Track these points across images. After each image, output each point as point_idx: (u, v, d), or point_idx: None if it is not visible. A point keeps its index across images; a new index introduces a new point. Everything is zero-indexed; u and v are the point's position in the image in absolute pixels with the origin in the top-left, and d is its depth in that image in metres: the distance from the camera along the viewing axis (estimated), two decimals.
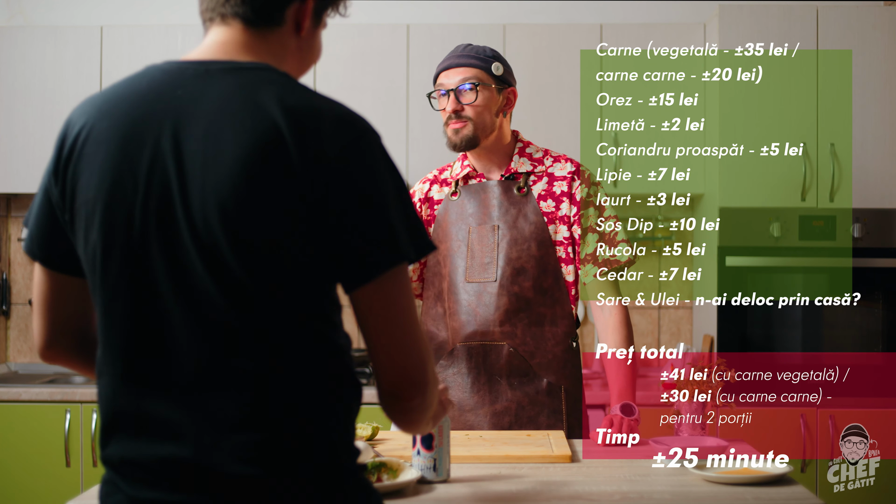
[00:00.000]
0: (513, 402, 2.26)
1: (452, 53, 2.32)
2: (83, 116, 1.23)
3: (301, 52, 1.30)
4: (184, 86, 1.18)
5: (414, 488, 1.73)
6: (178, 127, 1.15)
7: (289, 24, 1.26)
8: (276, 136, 1.12)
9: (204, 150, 1.13)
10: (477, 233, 2.31)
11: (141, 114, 1.18)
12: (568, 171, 2.34)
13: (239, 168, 1.12)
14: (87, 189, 1.19)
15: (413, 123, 3.81)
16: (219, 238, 1.12)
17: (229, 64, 1.20)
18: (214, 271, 1.13)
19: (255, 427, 1.14)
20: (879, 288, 3.61)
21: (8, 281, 4.18)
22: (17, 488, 3.55)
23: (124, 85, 1.23)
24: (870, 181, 3.60)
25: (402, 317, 1.18)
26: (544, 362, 2.27)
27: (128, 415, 1.18)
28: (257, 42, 1.25)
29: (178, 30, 3.87)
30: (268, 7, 1.24)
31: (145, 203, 1.15)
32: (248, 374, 1.14)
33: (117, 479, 1.19)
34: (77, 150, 1.20)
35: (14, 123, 3.85)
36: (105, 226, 1.17)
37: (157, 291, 1.15)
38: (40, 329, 1.31)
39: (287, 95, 1.16)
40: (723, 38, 3.62)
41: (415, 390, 1.21)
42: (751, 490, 1.73)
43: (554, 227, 2.30)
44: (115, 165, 1.17)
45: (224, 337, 1.14)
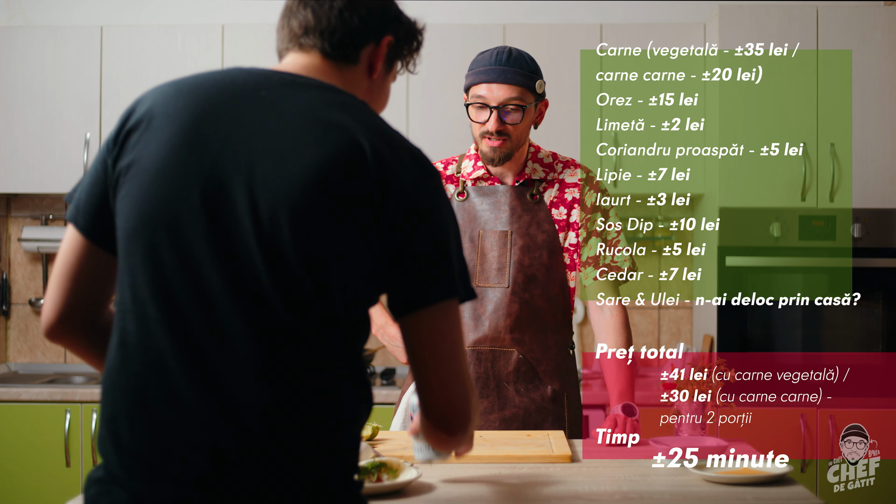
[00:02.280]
0: (520, 408, 2.25)
1: (493, 63, 2.22)
2: (156, 94, 1.25)
3: (371, 94, 1.35)
4: (269, 88, 1.21)
5: (414, 488, 1.73)
6: (257, 122, 1.18)
7: (363, 65, 1.31)
8: (359, 152, 1.17)
9: (281, 150, 1.16)
10: (488, 237, 2.29)
11: (221, 101, 1.20)
12: (579, 178, 2.34)
13: (317, 173, 1.15)
14: (149, 159, 1.19)
15: (413, 123, 3.81)
16: (283, 234, 1.14)
17: (315, 81, 1.25)
18: (271, 265, 1.14)
19: (273, 426, 1.15)
20: (879, 288, 3.61)
21: (8, 281, 4.18)
22: (17, 488, 3.55)
23: (205, 75, 1.26)
24: (870, 181, 3.60)
25: (451, 351, 1.22)
26: (549, 369, 2.27)
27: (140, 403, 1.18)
28: (334, 73, 1.29)
29: (178, 30, 3.87)
30: (345, 43, 1.29)
31: (205, 184, 1.16)
32: (282, 372, 1.15)
33: (118, 473, 1.18)
34: (145, 122, 1.22)
35: (14, 123, 3.85)
36: (158, 197, 1.17)
37: (198, 270, 1.15)
38: (56, 302, 1.29)
39: (370, 120, 1.21)
40: (723, 38, 3.62)
41: (460, 425, 1.25)
42: (751, 490, 1.73)
43: (564, 234, 2.30)
44: (185, 142, 1.18)
45: (269, 334, 1.15)
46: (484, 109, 2.23)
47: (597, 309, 2.30)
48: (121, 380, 1.19)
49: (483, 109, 2.23)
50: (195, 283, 1.15)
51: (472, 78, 2.25)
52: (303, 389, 1.16)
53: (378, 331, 2.27)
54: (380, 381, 3.75)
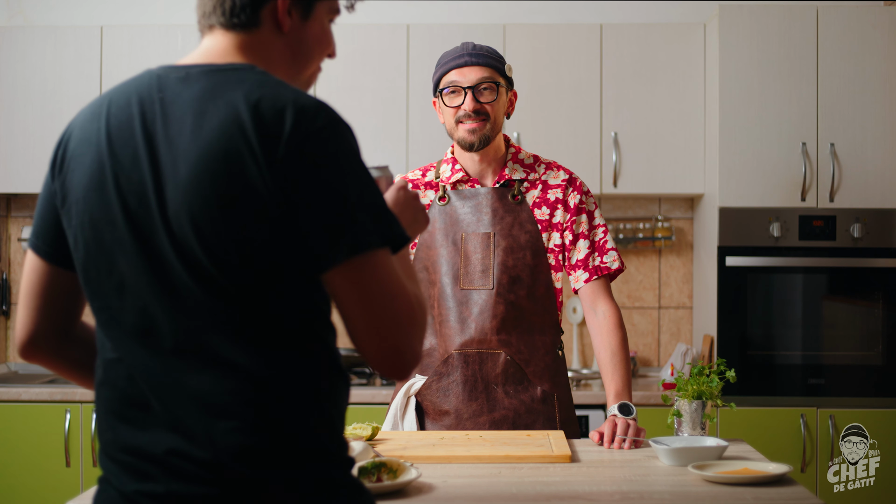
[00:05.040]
0: (510, 410, 2.25)
1: (461, 51, 2.28)
2: (79, 119, 1.28)
3: (290, 48, 1.31)
4: (166, 89, 1.22)
5: (414, 488, 1.73)
6: (156, 129, 1.19)
7: (267, 24, 1.28)
8: (238, 128, 1.15)
9: (176, 151, 1.17)
10: (471, 240, 2.30)
11: (126, 116, 1.22)
12: (562, 179, 2.34)
13: (202, 165, 1.15)
14: (77, 188, 1.23)
15: (413, 123, 3.81)
16: (189, 235, 1.15)
17: (208, 67, 1.23)
18: (190, 268, 1.16)
19: (240, 416, 1.16)
20: (879, 288, 3.61)
21: (8, 281, 4.18)
22: (17, 488, 3.55)
23: (118, 88, 1.27)
24: (870, 181, 3.60)
25: (381, 301, 1.17)
26: (538, 370, 2.27)
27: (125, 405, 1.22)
28: (241, 46, 1.28)
29: (177, 30, 3.87)
30: (236, 10, 1.27)
31: (124, 203, 1.19)
32: (234, 365, 1.16)
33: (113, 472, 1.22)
34: (70, 151, 1.26)
35: (14, 123, 3.85)
36: (90, 224, 1.22)
37: (138, 285, 1.19)
38: (27, 324, 1.33)
39: (254, 90, 1.18)
40: (723, 38, 3.62)
41: (405, 370, 1.21)
42: (751, 490, 1.73)
43: (547, 234, 2.30)
44: (100, 167, 1.21)
45: (203, 327, 1.17)
46: (458, 94, 2.26)
47: (591, 311, 2.30)
48: (103, 392, 1.24)
49: (457, 94, 2.26)
50: (137, 300, 1.19)
51: (441, 69, 2.30)
52: (252, 377, 1.17)
53: None
54: (379, 381, 3.75)
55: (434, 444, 2.05)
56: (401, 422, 2.30)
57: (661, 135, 3.82)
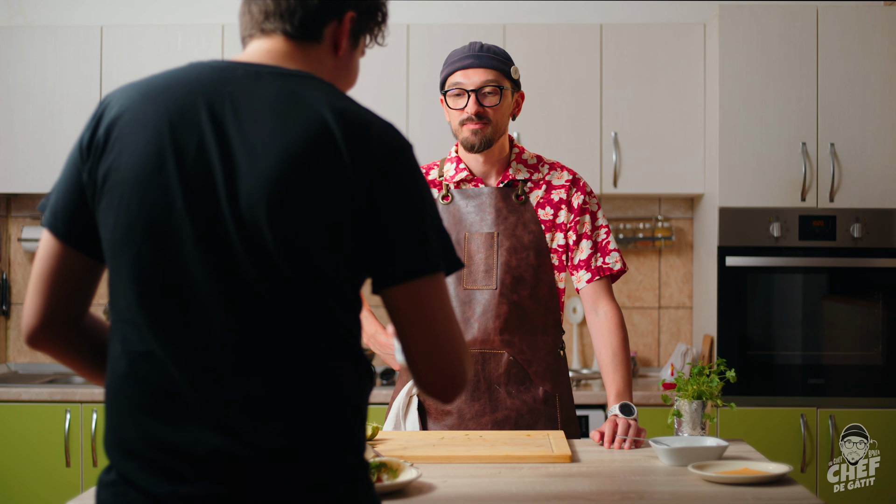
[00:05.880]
0: (512, 410, 2.25)
1: (468, 52, 2.27)
2: (123, 99, 1.23)
3: (337, 72, 1.34)
4: (234, 83, 1.21)
5: (414, 488, 1.73)
6: (227, 121, 1.18)
7: (327, 43, 1.30)
8: (328, 135, 1.17)
9: (253, 145, 1.16)
10: (475, 240, 2.30)
11: (190, 102, 1.20)
12: (566, 180, 2.34)
13: (289, 162, 1.15)
14: (127, 169, 1.19)
15: (413, 123, 3.81)
16: (263, 229, 1.15)
17: (277, 69, 1.24)
18: (257, 260, 1.15)
19: (287, 418, 1.16)
20: (879, 288, 3.61)
21: (8, 281, 4.18)
22: (17, 488, 3.55)
23: (170, 75, 1.25)
24: (870, 181, 3.60)
25: (435, 323, 1.21)
26: (540, 371, 2.27)
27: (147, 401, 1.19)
28: (299, 55, 1.29)
29: (178, 30, 3.87)
30: (306, 22, 1.28)
31: (187, 189, 1.17)
32: (287, 365, 1.16)
33: (134, 476, 1.18)
34: (116, 131, 1.21)
35: (14, 123, 3.85)
36: (139, 207, 1.18)
37: (188, 274, 1.16)
38: (37, 308, 1.28)
39: (336, 100, 1.20)
40: (723, 38, 3.62)
41: (454, 392, 1.24)
42: (751, 490, 1.73)
43: (550, 234, 2.30)
44: (159, 149, 1.18)
45: (259, 324, 1.16)
46: (462, 96, 2.26)
47: (592, 311, 2.30)
48: (127, 386, 1.20)
49: (461, 96, 2.26)
50: (186, 288, 1.17)
51: (447, 69, 2.29)
52: (302, 377, 1.17)
53: (369, 340, 2.28)
54: (380, 381, 3.75)
55: (434, 444, 2.05)
56: (403, 421, 2.30)
57: (661, 135, 3.82)
